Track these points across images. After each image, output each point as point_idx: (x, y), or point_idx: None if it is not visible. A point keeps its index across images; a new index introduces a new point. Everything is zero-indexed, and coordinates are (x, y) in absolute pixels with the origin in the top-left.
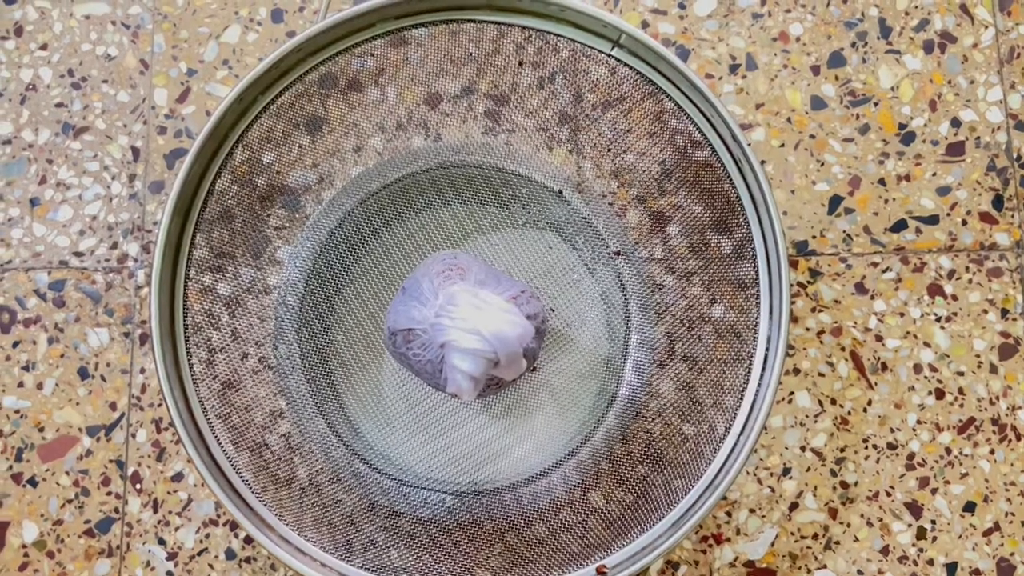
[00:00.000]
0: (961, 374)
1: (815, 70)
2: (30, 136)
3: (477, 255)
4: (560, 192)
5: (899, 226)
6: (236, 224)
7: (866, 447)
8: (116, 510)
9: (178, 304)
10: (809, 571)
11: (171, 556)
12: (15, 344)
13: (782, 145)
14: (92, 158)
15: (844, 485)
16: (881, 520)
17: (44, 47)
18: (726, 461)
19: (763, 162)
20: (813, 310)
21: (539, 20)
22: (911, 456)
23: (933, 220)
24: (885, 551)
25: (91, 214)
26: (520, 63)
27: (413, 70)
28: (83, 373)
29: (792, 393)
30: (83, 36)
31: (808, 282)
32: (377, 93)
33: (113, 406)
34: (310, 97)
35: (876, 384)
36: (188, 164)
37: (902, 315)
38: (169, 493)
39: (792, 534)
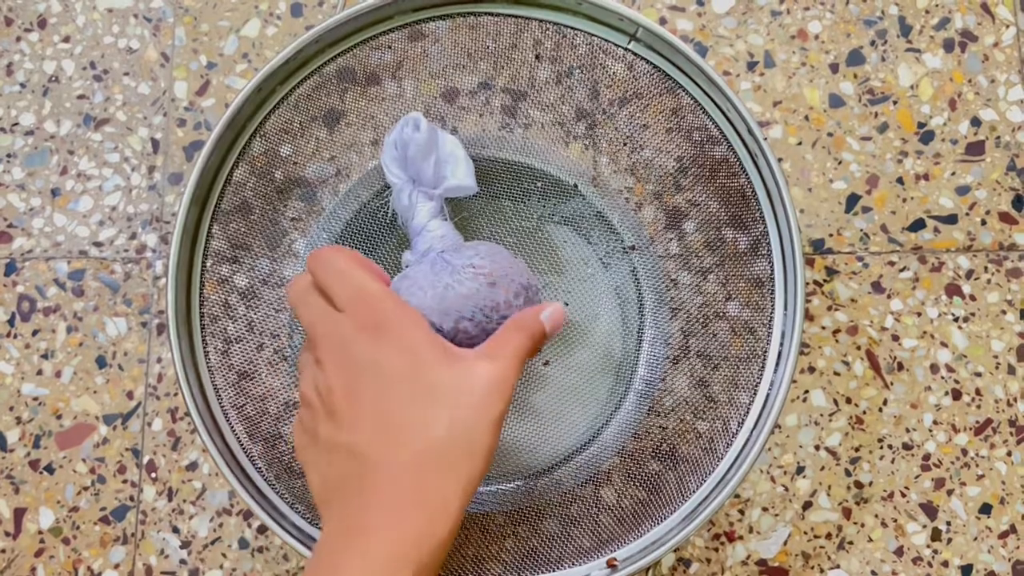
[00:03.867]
0: (979, 375)
1: (834, 68)
2: (52, 127)
3: None
4: (576, 186)
5: (917, 225)
6: (253, 215)
7: (881, 447)
8: (131, 498)
9: (195, 294)
10: (822, 571)
11: (185, 544)
12: (34, 332)
13: (800, 143)
14: (113, 149)
15: (859, 485)
16: (896, 521)
17: (67, 39)
18: (738, 457)
19: (780, 160)
20: (829, 308)
21: (557, 13)
22: (927, 457)
23: (951, 220)
24: (899, 552)
25: (111, 205)
26: (537, 57)
27: (431, 64)
28: (101, 362)
29: (807, 392)
30: (105, 29)
31: (824, 280)
32: (395, 86)
33: (130, 395)
34: (328, 90)
35: (892, 384)
36: (206, 154)
37: (919, 315)
38: (184, 482)
39: (805, 533)
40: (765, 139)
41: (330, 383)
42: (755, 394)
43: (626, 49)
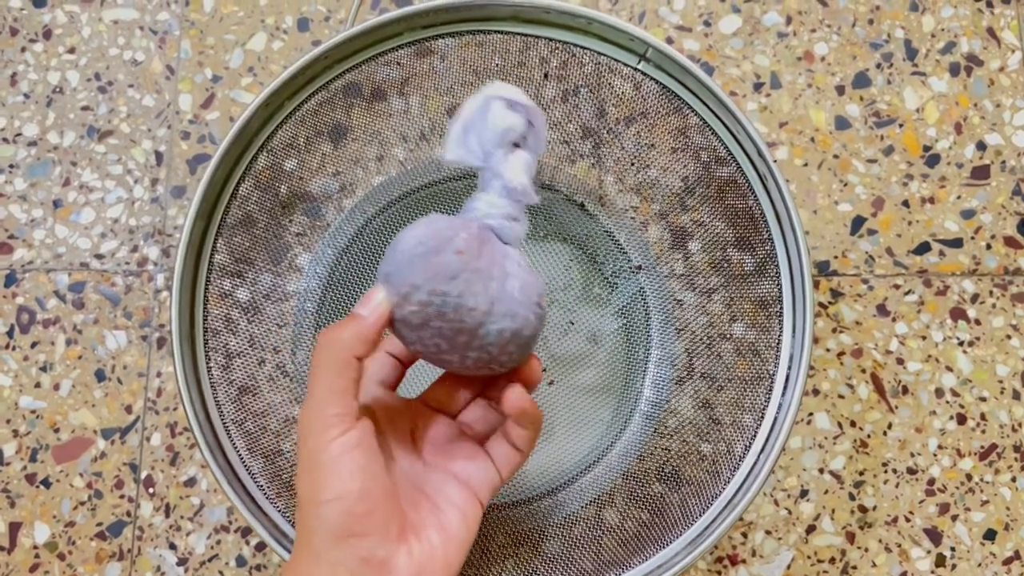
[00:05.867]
0: (983, 400)
1: (840, 90)
2: (55, 138)
3: None
4: (582, 205)
5: (922, 248)
6: (257, 230)
7: (885, 471)
8: (128, 513)
9: (198, 308)
10: None
11: (182, 561)
12: (33, 344)
13: (805, 164)
14: (116, 161)
15: (862, 509)
16: (900, 546)
17: (72, 50)
18: (744, 481)
19: (786, 181)
20: (834, 331)
21: (566, 32)
22: (931, 481)
23: (957, 243)
24: None
25: (113, 217)
26: (545, 75)
27: (438, 80)
28: (100, 375)
29: (811, 414)
30: (111, 41)
31: (829, 303)
32: (401, 103)
33: (129, 409)
34: (334, 105)
35: (896, 407)
36: (212, 168)
37: (924, 338)
38: (181, 498)
39: (808, 557)
40: (775, 161)
41: None
42: (761, 417)
43: (635, 69)
